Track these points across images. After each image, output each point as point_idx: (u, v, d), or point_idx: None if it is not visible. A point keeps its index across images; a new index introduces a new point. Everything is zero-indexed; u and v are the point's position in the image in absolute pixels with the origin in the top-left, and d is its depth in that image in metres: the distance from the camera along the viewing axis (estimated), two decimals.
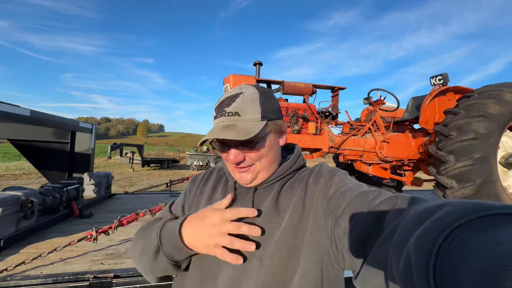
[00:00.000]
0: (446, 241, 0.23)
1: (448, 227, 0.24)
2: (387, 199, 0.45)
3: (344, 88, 4.02)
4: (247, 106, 0.60)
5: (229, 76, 3.45)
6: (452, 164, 2.73)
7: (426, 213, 0.29)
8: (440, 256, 0.23)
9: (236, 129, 0.58)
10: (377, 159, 3.79)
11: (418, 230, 0.27)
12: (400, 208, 0.39)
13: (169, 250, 0.59)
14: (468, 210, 0.25)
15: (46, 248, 2.18)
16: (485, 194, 2.63)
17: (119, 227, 2.14)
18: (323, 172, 0.65)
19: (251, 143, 0.60)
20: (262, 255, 0.56)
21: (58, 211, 2.98)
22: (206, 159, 17.62)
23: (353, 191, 0.53)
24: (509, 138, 3.28)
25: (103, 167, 17.08)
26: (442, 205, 0.28)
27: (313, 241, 0.55)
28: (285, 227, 0.57)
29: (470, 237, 0.22)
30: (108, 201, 4.13)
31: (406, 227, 0.30)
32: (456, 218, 0.24)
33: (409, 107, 4.19)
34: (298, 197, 0.62)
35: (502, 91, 2.84)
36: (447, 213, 0.26)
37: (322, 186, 0.60)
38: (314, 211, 0.58)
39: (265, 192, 0.66)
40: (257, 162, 0.63)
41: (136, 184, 11.09)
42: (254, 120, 0.60)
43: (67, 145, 4.06)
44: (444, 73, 3.46)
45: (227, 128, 0.58)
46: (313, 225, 0.56)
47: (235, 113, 0.60)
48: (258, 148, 0.61)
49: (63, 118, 3.72)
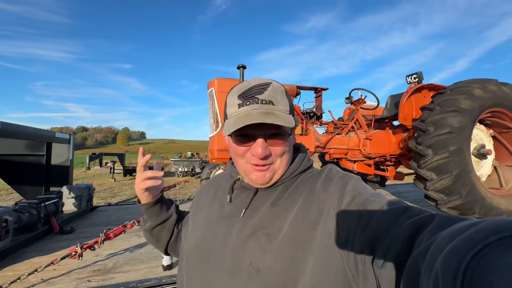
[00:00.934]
0: (474, 259, 0.22)
1: (477, 244, 0.23)
2: (421, 218, 0.40)
3: (327, 88, 4.13)
4: (279, 97, 0.58)
5: (214, 80, 3.43)
6: (431, 157, 2.88)
7: (458, 232, 0.27)
8: (468, 274, 0.22)
9: (278, 116, 0.55)
10: (361, 156, 3.91)
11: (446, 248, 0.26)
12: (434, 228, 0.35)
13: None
14: (501, 227, 0.23)
15: (24, 269, 2.03)
16: (461, 184, 2.80)
17: (105, 241, 2.04)
18: (333, 177, 0.58)
19: (281, 135, 0.57)
20: (259, 264, 0.52)
21: (36, 229, 2.78)
22: (191, 165, 17.28)
23: (375, 205, 0.48)
24: (479, 130, 3.52)
25: (81, 179, 16.24)
26: (475, 223, 0.26)
27: (326, 258, 0.49)
28: (285, 236, 0.52)
29: (501, 256, 0.21)
30: (90, 214, 3.93)
31: (438, 248, 0.28)
32: (487, 236, 0.23)
33: (388, 105, 4.37)
34: (301, 203, 0.56)
35: (471, 87, 3.05)
36: (477, 230, 0.24)
37: (334, 195, 0.54)
38: (325, 224, 0.51)
39: (265, 195, 0.62)
40: (278, 158, 0.60)
41: (119, 194, 10.65)
42: (285, 111, 0.58)
43: (43, 157, 3.81)
44: (419, 72, 3.66)
45: (268, 115, 0.54)
46: (325, 240, 0.50)
47: (269, 101, 0.56)
48: (286, 143, 0.59)
49: (37, 129, 3.50)
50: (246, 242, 0.55)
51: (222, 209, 0.65)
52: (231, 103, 0.60)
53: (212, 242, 0.60)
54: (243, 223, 0.59)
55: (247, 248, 0.54)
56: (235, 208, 0.63)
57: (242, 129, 0.55)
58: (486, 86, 3.10)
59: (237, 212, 0.62)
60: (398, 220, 0.42)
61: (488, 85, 3.13)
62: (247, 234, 0.56)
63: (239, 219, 0.60)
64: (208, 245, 0.60)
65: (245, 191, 0.65)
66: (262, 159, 0.57)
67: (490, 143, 3.57)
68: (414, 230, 0.38)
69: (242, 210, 0.61)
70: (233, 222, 0.60)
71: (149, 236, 0.81)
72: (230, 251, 0.56)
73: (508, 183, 3.48)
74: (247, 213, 0.60)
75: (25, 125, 3.13)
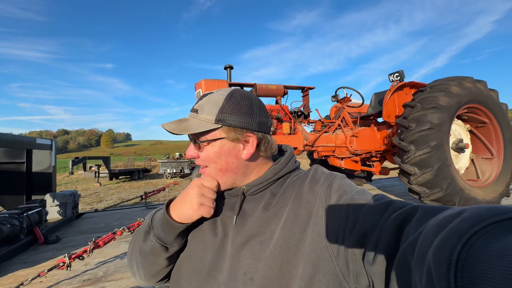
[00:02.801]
0: (464, 249, 0.23)
1: (465, 234, 0.23)
2: (404, 211, 0.41)
3: (313, 87, 4.21)
4: (207, 106, 0.59)
5: (201, 81, 3.41)
6: (413, 153, 3.01)
7: (444, 222, 0.28)
8: (460, 265, 0.22)
9: (184, 123, 0.60)
10: (348, 153, 4.03)
11: (435, 240, 0.26)
12: (419, 220, 0.36)
13: (159, 229, 0.59)
14: (483, 215, 0.24)
15: (8, 283, 1.96)
16: (442, 177, 2.95)
17: (94, 249, 1.99)
18: (319, 178, 0.59)
19: (198, 143, 0.61)
20: (253, 272, 0.52)
21: (18, 240, 2.67)
22: (180, 166, 17.04)
23: (360, 202, 0.49)
24: (457, 125, 3.71)
25: (64, 185, 15.63)
26: (459, 213, 0.27)
27: (316, 259, 0.50)
28: (277, 241, 0.53)
29: (489, 243, 0.22)
30: (76, 221, 3.80)
31: (426, 241, 0.29)
32: (472, 225, 0.24)
33: (372, 103, 4.51)
34: (290, 207, 0.56)
35: (449, 84, 3.21)
36: (462, 220, 0.25)
37: (321, 197, 0.55)
38: (314, 226, 0.52)
39: (254, 200, 0.62)
40: (209, 165, 0.61)
41: (105, 199, 10.34)
42: (206, 120, 0.58)
43: (23, 165, 3.65)
44: (400, 70, 3.80)
45: (179, 121, 0.61)
46: (315, 242, 0.51)
47: (195, 110, 0.61)
48: (206, 151, 0.61)
49: (16, 136, 3.34)
50: (240, 251, 0.55)
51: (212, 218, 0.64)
52: None
53: (205, 253, 0.59)
54: (235, 232, 0.59)
55: (241, 258, 0.55)
56: (224, 215, 0.63)
57: None
58: (462, 84, 3.27)
59: (227, 220, 0.62)
60: (383, 215, 0.43)
61: (464, 82, 3.30)
62: (239, 243, 0.56)
63: (231, 227, 0.60)
64: (201, 256, 0.59)
65: (232, 198, 0.65)
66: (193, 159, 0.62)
67: (467, 137, 3.77)
68: (399, 223, 0.39)
69: (232, 218, 0.61)
70: (225, 231, 0.60)
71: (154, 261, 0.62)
72: (225, 261, 0.56)
73: (484, 174, 3.69)
74: (238, 221, 0.60)
75: (2, 132, 2.98)
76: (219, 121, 0.58)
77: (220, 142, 0.59)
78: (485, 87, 3.52)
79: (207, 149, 0.60)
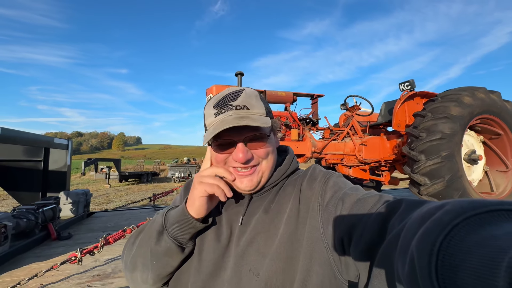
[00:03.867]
0: (445, 239, 0.24)
1: (447, 226, 0.24)
2: (390, 204, 0.43)
3: (323, 95, 4.23)
4: (253, 101, 0.59)
5: (212, 86, 3.50)
6: (424, 163, 2.96)
7: (427, 214, 0.29)
8: (441, 255, 0.23)
9: (253, 119, 0.56)
10: (357, 162, 3.99)
11: (419, 231, 0.27)
12: (404, 212, 0.38)
13: (175, 228, 0.57)
14: (465, 208, 0.25)
15: (22, 275, 2.04)
16: (454, 189, 2.88)
17: (105, 245, 2.05)
18: (317, 176, 0.62)
19: (260, 138, 0.58)
20: (259, 268, 0.53)
21: (33, 235, 2.78)
22: (188, 170, 17.22)
23: (352, 197, 0.51)
24: (470, 136, 3.64)
25: (76, 185, 16.02)
26: (441, 206, 0.28)
27: (312, 251, 0.52)
28: (281, 238, 0.55)
29: (468, 234, 0.23)
30: (87, 220, 3.92)
31: (410, 232, 0.30)
32: (454, 217, 0.25)
33: (382, 111, 4.49)
34: (292, 204, 0.59)
35: (461, 94, 3.17)
36: (445, 212, 0.26)
37: (317, 192, 0.57)
38: (311, 219, 0.55)
39: (259, 200, 0.63)
40: (263, 160, 0.60)
41: (114, 200, 10.52)
42: (261, 114, 0.59)
43: (40, 163, 3.81)
44: (411, 80, 3.78)
45: (243, 119, 0.55)
46: (311, 234, 0.53)
47: (243, 106, 0.57)
48: (267, 144, 0.59)
49: (36, 135, 3.51)
50: (245, 249, 0.56)
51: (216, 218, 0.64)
52: (208, 113, 0.60)
53: (209, 252, 0.59)
54: (240, 231, 0.59)
55: (245, 255, 0.55)
56: (231, 216, 0.63)
57: (220, 136, 0.56)
58: (475, 94, 3.22)
59: (233, 220, 0.62)
60: (370, 208, 0.46)
61: (477, 92, 3.25)
62: (244, 241, 0.57)
63: (237, 226, 0.60)
64: (204, 255, 0.59)
65: (237, 198, 0.65)
66: (245, 163, 0.57)
67: (480, 148, 3.68)
68: (385, 215, 0.41)
69: (238, 218, 0.61)
70: (231, 230, 0.61)
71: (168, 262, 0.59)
72: (229, 259, 0.57)
73: (499, 187, 3.58)
74: (244, 220, 0.61)
75: (24, 131, 3.14)
76: (268, 114, 0.61)
77: (272, 134, 0.63)
78: (499, 98, 3.45)
79: (268, 142, 0.60)
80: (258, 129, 0.57)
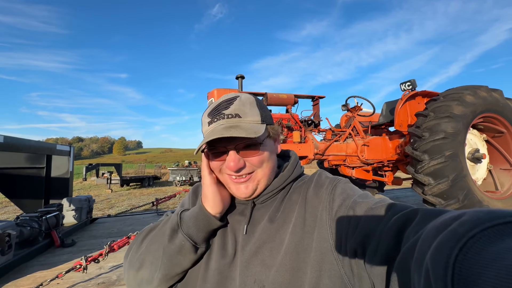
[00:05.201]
0: (461, 252, 0.23)
1: (462, 237, 0.24)
2: (404, 214, 0.41)
3: (324, 96, 4.23)
4: (246, 109, 0.58)
5: (213, 90, 3.50)
6: (427, 162, 2.95)
7: (443, 225, 0.28)
8: (458, 268, 0.22)
9: (242, 128, 0.54)
10: (359, 162, 3.98)
11: (434, 243, 0.26)
12: (419, 223, 0.36)
13: (191, 227, 0.57)
14: (482, 219, 0.24)
15: (27, 284, 2.03)
16: (458, 188, 2.86)
17: (109, 253, 2.04)
18: (323, 183, 0.60)
19: (253, 146, 0.57)
20: (264, 280, 0.52)
21: (37, 243, 2.77)
22: (189, 173, 17.19)
23: (362, 205, 0.49)
24: (473, 135, 3.62)
25: (77, 190, 16.01)
26: (458, 216, 0.27)
27: (322, 263, 0.50)
28: (287, 248, 0.53)
29: (486, 247, 0.22)
30: (90, 226, 3.91)
31: (425, 243, 0.29)
32: (470, 228, 0.24)
33: (383, 112, 4.48)
34: (298, 212, 0.57)
35: (463, 93, 3.16)
36: (461, 223, 0.25)
37: (325, 200, 0.56)
38: (319, 229, 0.53)
39: (263, 208, 0.62)
40: (258, 168, 0.59)
41: (116, 205, 10.50)
42: (255, 122, 0.58)
43: (43, 170, 3.81)
44: (412, 79, 3.78)
45: (231, 128, 0.54)
46: (320, 245, 0.51)
47: (235, 115, 0.57)
48: (261, 152, 0.58)
49: (38, 142, 3.51)
50: (249, 260, 0.55)
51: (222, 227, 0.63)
52: (204, 122, 0.60)
53: (215, 261, 0.58)
54: (244, 240, 0.58)
55: (250, 266, 0.54)
56: (235, 225, 0.62)
57: (213, 144, 0.57)
58: (477, 93, 3.21)
59: (237, 229, 0.61)
60: (384, 218, 0.44)
61: (479, 91, 3.24)
62: (249, 251, 0.56)
63: (241, 235, 0.59)
64: (211, 264, 0.58)
65: (241, 206, 0.64)
66: (236, 172, 0.57)
67: (484, 147, 3.66)
68: (400, 226, 0.40)
69: (242, 226, 0.60)
70: (235, 239, 0.60)
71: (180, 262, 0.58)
72: (236, 269, 0.56)
73: (503, 186, 3.56)
74: (248, 229, 0.60)
75: (26, 138, 3.14)
76: (264, 121, 0.59)
77: (268, 141, 0.61)
78: (501, 96, 3.44)
79: (261, 150, 0.59)
80: (250, 137, 0.56)
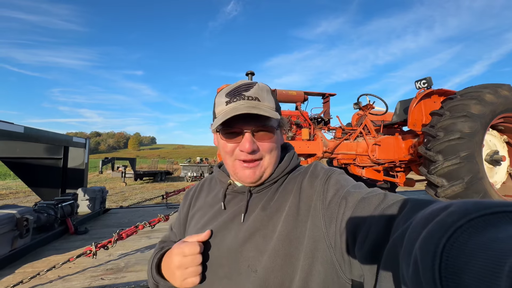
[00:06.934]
0: (449, 242, 0.23)
1: (450, 227, 0.24)
2: (395, 203, 0.42)
3: (335, 94, 4.15)
4: (264, 94, 0.60)
5: (223, 86, 3.52)
6: (441, 163, 2.84)
7: (431, 216, 0.28)
8: (445, 257, 0.23)
9: (263, 110, 0.57)
10: (370, 162, 3.89)
11: (422, 233, 0.27)
12: (409, 213, 0.37)
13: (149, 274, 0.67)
14: (469, 209, 0.25)
15: (42, 266, 2.13)
16: (474, 191, 2.74)
17: (118, 240, 2.12)
18: (318, 173, 0.61)
19: (268, 131, 0.59)
20: (257, 265, 0.54)
21: (53, 229, 2.91)
22: (200, 169, 17.47)
23: (355, 195, 0.50)
24: (492, 136, 3.45)
25: (94, 182, 16.65)
26: (445, 207, 0.28)
27: (314, 250, 0.52)
28: (279, 235, 0.55)
29: (472, 237, 0.23)
30: (103, 216, 4.06)
31: (414, 233, 0.29)
32: (458, 218, 0.24)
33: (397, 110, 4.34)
34: (291, 202, 0.59)
35: (482, 92, 3.01)
36: (449, 214, 0.26)
37: (319, 190, 0.57)
38: (313, 218, 0.54)
39: (259, 196, 0.63)
40: (267, 155, 0.61)
41: (129, 198, 10.86)
42: (271, 108, 0.60)
43: (60, 161, 3.99)
44: (428, 77, 3.64)
45: (254, 108, 0.57)
46: (313, 233, 0.53)
47: (255, 97, 0.59)
48: (274, 139, 0.61)
49: (56, 134, 3.69)
50: (243, 246, 0.57)
51: (216, 216, 0.65)
52: (219, 102, 0.61)
53: (207, 249, 0.61)
54: (238, 228, 0.60)
55: (244, 251, 0.56)
56: (230, 214, 0.63)
57: (229, 124, 0.58)
58: (497, 91, 3.05)
59: (232, 217, 0.62)
60: (375, 207, 0.45)
61: (500, 90, 3.07)
62: (243, 238, 0.58)
63: (236, 224, 0.61)
64: (204, 253, 0.60)
65: (237, 196, 0.65)
66: (250, 154, 0.58)
67: (504, 149, 3.48)
68: (390, 215, 0.41)
69: (237, 215, 0.62)
70: (229, 228, 0.61)
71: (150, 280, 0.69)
72: (226, 256, 0.58)
73: None
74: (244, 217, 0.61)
75: (45, 130, 3.31)
76: (277, 109, 0.62)
77: (279, 130, 0.64)
78: None
79: (275, 137, 0.61)
80: (267, 122, 0.59)
